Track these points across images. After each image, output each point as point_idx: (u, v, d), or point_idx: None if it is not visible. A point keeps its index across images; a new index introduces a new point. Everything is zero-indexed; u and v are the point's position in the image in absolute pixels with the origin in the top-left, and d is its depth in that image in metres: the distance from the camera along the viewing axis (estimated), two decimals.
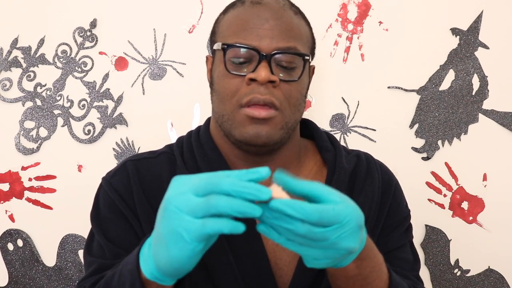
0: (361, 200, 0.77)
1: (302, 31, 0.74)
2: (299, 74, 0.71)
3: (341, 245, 0.50)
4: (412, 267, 0.80)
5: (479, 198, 1.18)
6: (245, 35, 0.70)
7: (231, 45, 0.70)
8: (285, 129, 0.71)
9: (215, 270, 0.71)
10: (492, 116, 1.17)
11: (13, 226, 1.21)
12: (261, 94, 0.68)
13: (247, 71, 0.69)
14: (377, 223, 0.77)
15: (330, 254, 0.51)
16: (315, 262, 0.52)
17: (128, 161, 0.79)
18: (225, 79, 0.71)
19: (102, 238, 0.73)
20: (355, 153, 0.83)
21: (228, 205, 0.46)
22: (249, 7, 0.73)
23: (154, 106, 1.19)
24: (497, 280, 1.18)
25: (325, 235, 0.49)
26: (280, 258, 0.73)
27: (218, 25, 0.77)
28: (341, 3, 1.17)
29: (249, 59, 0.69)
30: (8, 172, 1.21)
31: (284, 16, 0.72)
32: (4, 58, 1.20)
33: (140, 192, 0.74)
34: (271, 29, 0.70)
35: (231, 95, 0.70)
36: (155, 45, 1.19)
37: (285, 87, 0.70)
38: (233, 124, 0.70)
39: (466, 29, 1.16)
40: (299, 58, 0.71)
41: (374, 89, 1.18)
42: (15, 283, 1.21)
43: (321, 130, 0.85)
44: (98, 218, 0.75)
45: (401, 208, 0.82)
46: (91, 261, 0.73)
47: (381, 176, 0.81)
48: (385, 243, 0.77)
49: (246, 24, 0.71)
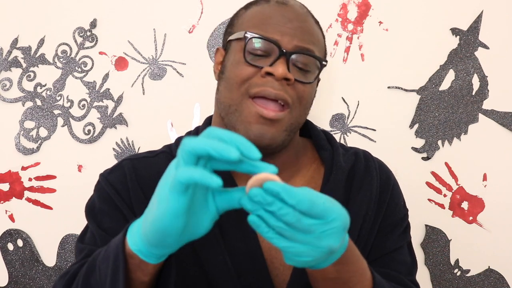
0: (359, 198, 0.77)
1: (320, 40, 0.76)
2: (313, 78, 0.72)
3: (324, 241, 0.50)
4: (409, 271, 0.79)
5: (479, 198, 1.18)
6: (268, 29, 0.70)
7: (254, 35, 0.70)
8: (288, 131, 0.71)
9: (211, 269, 0.71)
10: (492, 116, 1.17)
11: (13, 226, 1.21)
12: (274, 88, 0.68)
13: (264, 65, 0.69)
14: (375, 221, 0.77)
15: (312, 251, 0.51)
16: (296, 259, 0.52)
17: (125, 160, 0.79)
18: (239, 65, 0.71)
19: (95, 228, 0.74)
20: (353, 151, 0.83)
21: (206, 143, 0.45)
22: (274, 5, 0.74)
23: (154, 106, 1.19)
24: (497, 280, 1.18)
25: (312, 227, 0.49)
26: (275, 257, 0.73)
27: (238, 18, 0.77)
28: (341, 3, 1.17)
29: (268, 53, 0.70)
30: (8, 172, 1.21)
31: (307, 21, 0.73)
32: (4, 58, 1.20)
33: (138, 189, 0.74)
34: (293, 29, 0.71)
35: (241, 82, 0.70)
36: (155, 45, 1.19)
37: (299, 87, 0.71)
38: (240, 117, 0.70)
39: (466, 29, 1.16)
40: (315, 63, 0.72)
41: (374, 89, 1.18)
42: (15, 283, 1.21)
43: (319, 129, 0.85)
44: (93, 210, 0.76)
45: (399, 208, 0.82)
46: (82, 247, 0.73)
47: (380, 175, 0.81)
48: (383, 244, 0.77)
49: (270, 19, 0.71)
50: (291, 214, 0.48)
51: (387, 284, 0.69)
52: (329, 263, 0.56)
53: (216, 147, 0.45)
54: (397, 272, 0.76)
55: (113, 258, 0.56)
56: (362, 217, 0.76)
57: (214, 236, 0.71)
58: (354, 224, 0.75)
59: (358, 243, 0.75)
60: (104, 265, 0.58)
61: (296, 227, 0.49)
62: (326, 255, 0.53)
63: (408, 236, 0.83)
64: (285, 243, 0.50)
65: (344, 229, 0.52)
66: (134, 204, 0.73)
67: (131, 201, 0.74)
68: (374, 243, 0.77)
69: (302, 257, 0.51)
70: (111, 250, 0.57)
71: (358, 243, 0.75)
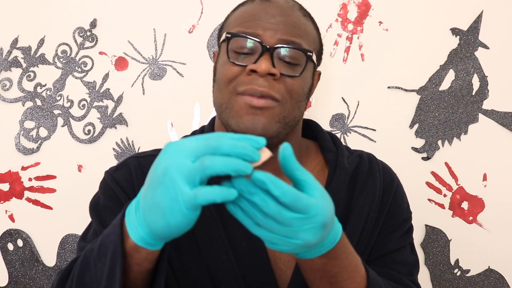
0: (361, 200, 0.77)
1: (308, 31, 0.74)
2: (301, 71, 0.71)
3: (300, 235, 0.51)
4: (410, 271, 0.79)
5: (479, 198, 1.18)
6: (250, 27, 0.70)
7: (234, 34, 0.70)
8: (282, 123, 0.71)
9: (215, 268, 0.71)
10: (492, 116, 1.17)
11: (13, 226, 1.21)
12: (259, 86, 0.68)
13: (249, 62, 0.69)
14: (376, 223, 0.77)
15: (287, 243, 0.51)
16: (273, 246, 0.52)
17: (131, 157, 0.80)
18: (225, 66, 0.71)
19: (98, 226, 0.73)
20: (358, 153, 0.83)
21: (223, 164, 0.46)
22: (258, 3, 0.74)
23: (154, 106, 1.19)
24: (497, 280, 1.18)
25: (291, 221, 0.49)
26: (279, 257, 0.74)
27: (226, 21, 0.78)
28: (341, 3, 1.17)
29: (252, 51, 0.70)
30: (8, 172, 1.21)
31: (291, 14, 0.72)
32: (4, 58, 1.20)
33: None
34: (276, 24, 0.70)
35: (228, 82, 0.70)
36: (155, 45, 1.19)
37: (287, 81, 0.70)
38: (231, 113, 0.70)
39: (466, 29, 1.16)
40: (303, 55, 0.71)
41: (374, 89, 1.18)
42: (15, 283, 1.21)
43: (324, 131, 0.85)
44: (97, 207, 0.76)
45: (402, 210, 0.82)
46: (83, 245, 0.73)
47: (383, 177, 0.81)
48: (384, 244, 0.77)
49: (253, 17, 0.71)
50: (273, 206, 0.48)
51: (384, 282, 0.69)
52: (313, 256, 0.57)
53: (231, 166, 0.46)
54: (398, 272, 0.76)
55: (111, 255, 0.56)
56: (364, 218, 0.76)
57: (219, 236, 0.71)
58: (356, 225, 0.75)
59: (360, 243, 0.75)
60: (100, 263, 0.58)
61: (276, 219, 0.49)
62: (303, 248, 0.53)
63: (411, 238, 0.82)
64: (261, 232, 0.51)
65: (323, 226, 0.52)
66: None
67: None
68: (375, 243, 0.77)
69: (278, 246, 0.52)
70: (108, 250, 0.57)
71: (360, 243, 0.75)
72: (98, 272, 0.58)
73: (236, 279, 0.71)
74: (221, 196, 0.46)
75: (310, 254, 0.57)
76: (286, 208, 0.49)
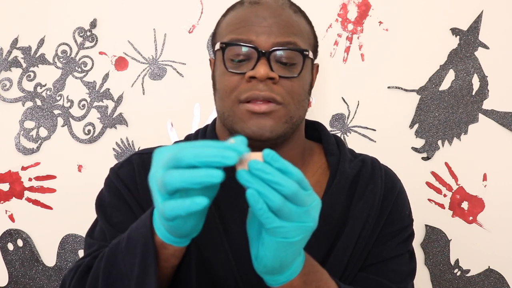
0: (361, 205, 0.76)
1: (302, 28, 0.74)
2: (299, 71, 0.71)
3: (312, 214, 0.51)
4: (402, 279, 0.77)
5: (479, 198, 1.18)
6: (243, 33, 0.70)
7: (229, 43, 0.70)
8: (289, 123, 0.71)
9: (213, 267, 0.71)
10: (492, 116, 1.17)
11: (13, 226, 1.21)
12: (260, 90, 0.68)
13: (247, 69, 0.69)
14: (374, 229, 0.76)
15: (301, 229, 0.51)
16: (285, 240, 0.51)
17: (134, 154, 0.80)
18: (224, 77, 0.71)
19: (104, 223, 0.74)
20: (361, 158, 0.82)
21: (181, 179, 0.46)
22: (247, 7, 0.73)
23: (154, 106, 1.19)
24: (497, 280, 1.18)
25: (305, 199, 0.50)
26: None
27: (218, 27, 0.77)
28: (341, 3, 1.17)
29: (248, 57, 0.70)
30: (8, 172, 1.21)
31: (282, 14, 0.72)
32: (4, 58, 1.20)
33: (146, 183, 0.74)
34: (269, 26, 0.70)
35: (230, 91, 0.70)
36: (155, 45, 1.19)
37: (286, 83, 0.70)
38: (234, 120, 0.70)
39: (466, 29, 1.16)
40: (299, 54, 0.70)
41: (374, 89, 1.18)
42: (15, 283, 1.21)
43: (330, 134, 0.84)
44: (102, 204, 0.76)
45: (402, 217, 0.80)
46: (91, 243, 0.74)
47: (384, 183, 0.79)
48: (380, 252, 0.76)
49: (244, 22, 0.71)
50: (292, 184, 0.48)
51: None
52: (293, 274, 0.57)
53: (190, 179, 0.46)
54: (390, 280, 0.75)
55: (142, 248, 0.57)
56: (362, 223, 0.75)
57: (218, 235, 0.71)
58: (353, 229, 0.74)
59: (356, 248, 0.74)
60: (129, 256, 0.59)
61: (295, 197, 0.49)
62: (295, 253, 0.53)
63: (410, 246, 0.80)
64: (277, 223, 0.50)
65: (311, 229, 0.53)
66: (142, 198, 0.74)
67: (139, 195, 0.74)
68: (371, 249, 0.76)
69: (289, 238, 0.51)
70: (137, 244, 0.58)
71: (356, 248, 0.74)
72: (126, 265, 0.59)
73: (234, 278, 0.71)
74: (184, 209, 0.47)
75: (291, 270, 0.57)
76: (301, 187, 0.50)
